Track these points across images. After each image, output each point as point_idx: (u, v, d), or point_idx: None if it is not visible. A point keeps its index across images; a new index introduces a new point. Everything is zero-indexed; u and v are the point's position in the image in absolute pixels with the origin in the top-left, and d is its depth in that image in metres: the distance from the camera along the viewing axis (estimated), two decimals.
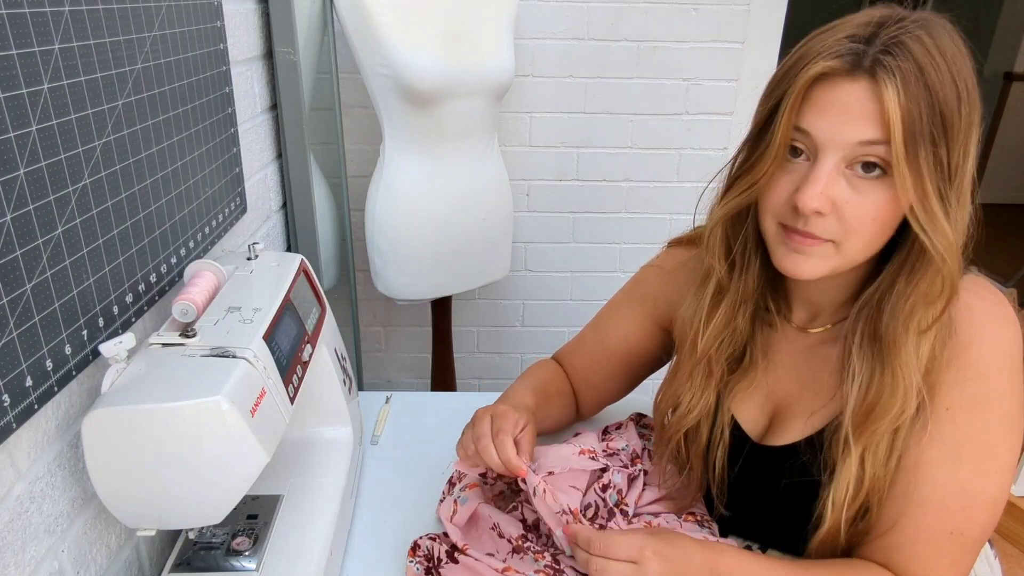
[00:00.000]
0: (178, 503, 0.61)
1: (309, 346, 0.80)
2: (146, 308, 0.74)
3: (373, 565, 0.83)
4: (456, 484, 0.86)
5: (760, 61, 1.89)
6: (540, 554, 0.75)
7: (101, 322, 0.65)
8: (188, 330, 0.65)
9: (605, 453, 0.89)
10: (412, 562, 0.79)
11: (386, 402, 1.15)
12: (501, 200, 1.63)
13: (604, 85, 1.90)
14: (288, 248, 1.37)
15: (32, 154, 0.55)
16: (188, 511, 0.62)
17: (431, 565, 0.78)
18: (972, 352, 0.67)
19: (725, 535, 0.82)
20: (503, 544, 0.79)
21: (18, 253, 0.53)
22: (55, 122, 0.58)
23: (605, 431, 0.99)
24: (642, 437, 0.96)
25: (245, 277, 0.79)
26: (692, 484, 0.82)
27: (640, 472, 0.87)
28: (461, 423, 0.84)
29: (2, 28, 0.51)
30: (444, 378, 1.88)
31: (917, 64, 0.60)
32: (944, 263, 0.63)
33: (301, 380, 0.75)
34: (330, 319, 0.92)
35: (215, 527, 0.74)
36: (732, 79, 1.91)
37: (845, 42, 0.62)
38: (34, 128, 0.55)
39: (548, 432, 0.98)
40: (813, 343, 0.78)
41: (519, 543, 0.77)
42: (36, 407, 0.57)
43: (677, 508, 0.83)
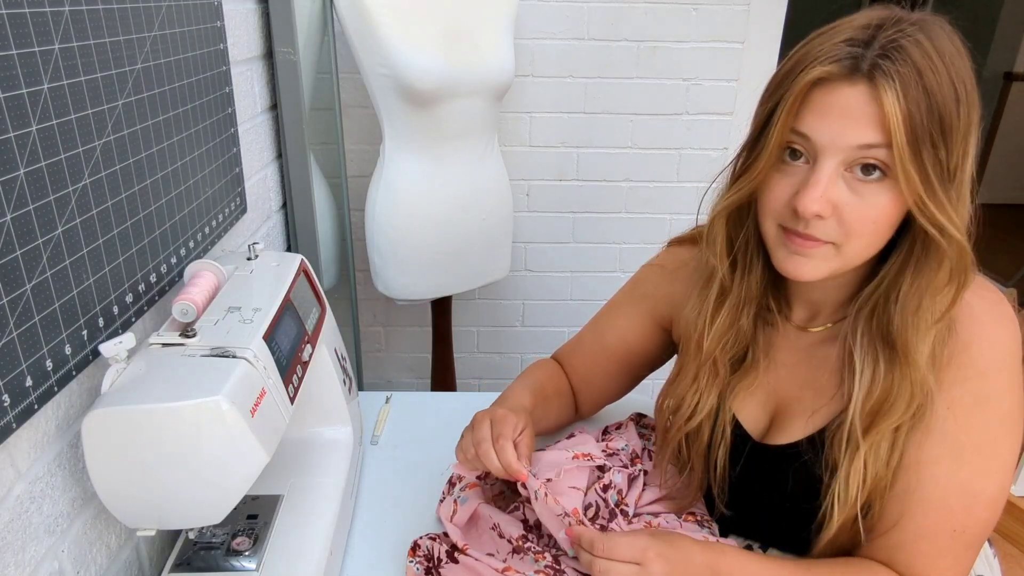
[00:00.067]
0: (178, 503, 0.61)
1: (309, 346, 0.80)
2: (146, 308, 0.74)
3: (373, 565, 0.83)
4: (456, 484, 0.86)
5: (760, 61, 1.89)
6: (540, 554, 0.75)
7: (101, 322, 0.65)
8: (188, 330, 0.65)
9: (605, 453, 0.89)
10: (412, 562, 0.79)
11: (386, 402, 1.15)
12: (501, 200, 1.63)
13: (604, 85, 1.90)
14: (288, 248, 1.37)
15: (32, 154, 0.55)
16: (188, 511, 0.62)
17: (431, 565, 0.78)
18: (972, 351, 0.67)
19: (725, 534, 0.83)
20: (503, 544, 0.79)
21: (18, 253, 0.53)
22: (55, 122, 0.58)
23: (605, 431, 0.99)
24: (642, 437, 0.96)
25: (245, 277, 0.79)
26: (692, 484, 0.82)
27: (640, 472, 0.87)
28: (461, 423, 0.84)
29: (2, 28, 0.51)
30: (444, 378, 1.88)
31: (915, 67, 0.60)
32: (955, 250, 0.64)
33: (301, 380, 0.75)
34: (330, 319, 0.92)
35: (215, 527, 0.74)
36: (732, 79, 1.91)
37: (843, 46, 0.62)
38: (34, 128, 0.55)
39: (548, 432, 0.98)
40: (813, 342, 0.78)
41: (519, 543, 0.77)
42: (36, 407, 0.57)
43: (677, 508, 0.83)
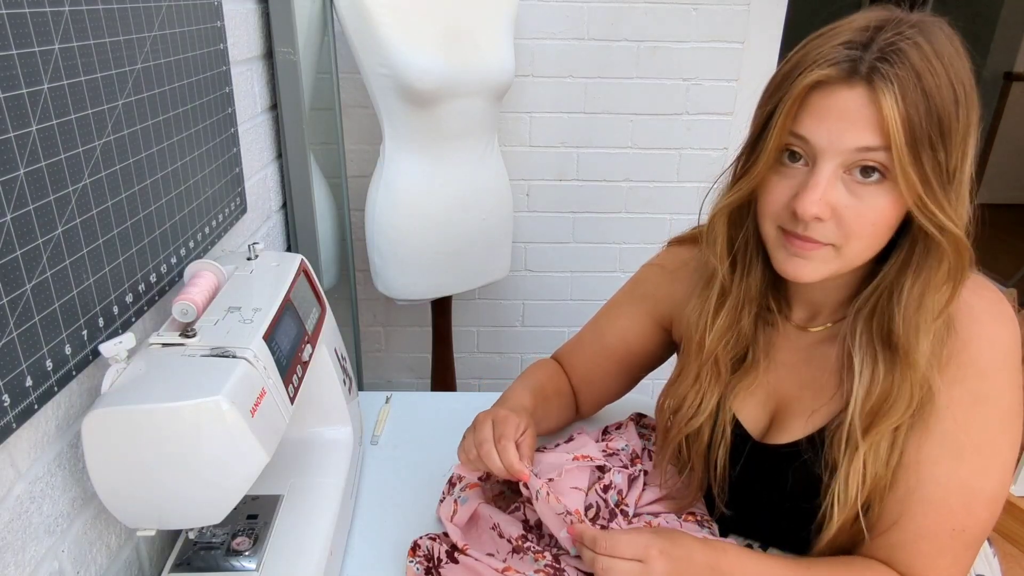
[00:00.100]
0: (178, 503, 0.61)
1: (309, 346, 0.80)
2: (146, 308, 0.74)
3: (373, 565, 0.83)
4: (456, 484, 0.86)
5: (760, 61, 1.89)
6: (540, 554, 0.75)
7: (101, 322, 0.65)
8: (188, 330, 0.65)
9: (604, 454, 0.89)
10: (412, 562, 0.79)
11: (386, 402, 1.15)
12: (501, 200, 1.63)
13: (604, 85, 1.90)
14: (288, 248, 1.37)
15: (32, 154, 0.55)
16: (188, 511, 0.62)
17: (431, 565, 0.78)
18: (972, 350, 0.68)
19: (725, 534, 0.83)
20: (503, 544, 0.79)
21: (18, 253, 0.53)
22: (55, 122, 0.58)
23: (605, 431, 0.99)
24: (642, 437, 0.96)
25: (245, 277, 0.79)
26: (693, 484, 0.82)
27: (640, 472, 0.87)
28: (461, 423, 0.84)
29: (2, 28, 0.51)
30: (444, 378, 1.88)
31: (914, 70, 0.60)
32: (953, 246, 0.64)
33: (301, 380, 0.75)
34: (330, 319, 0.92)
35: (215, 527, 0.74)
36: (732, 79, 1.91)
37: (841, 49, 0.62)
38: (34, 128, 0.55)
39: (548, 432, 0.98)
40: (813, 342, 0.78)
41: (519, 543, 0.77)
42: (36, 407, 0.57)
43: (677, 508, 0.83)
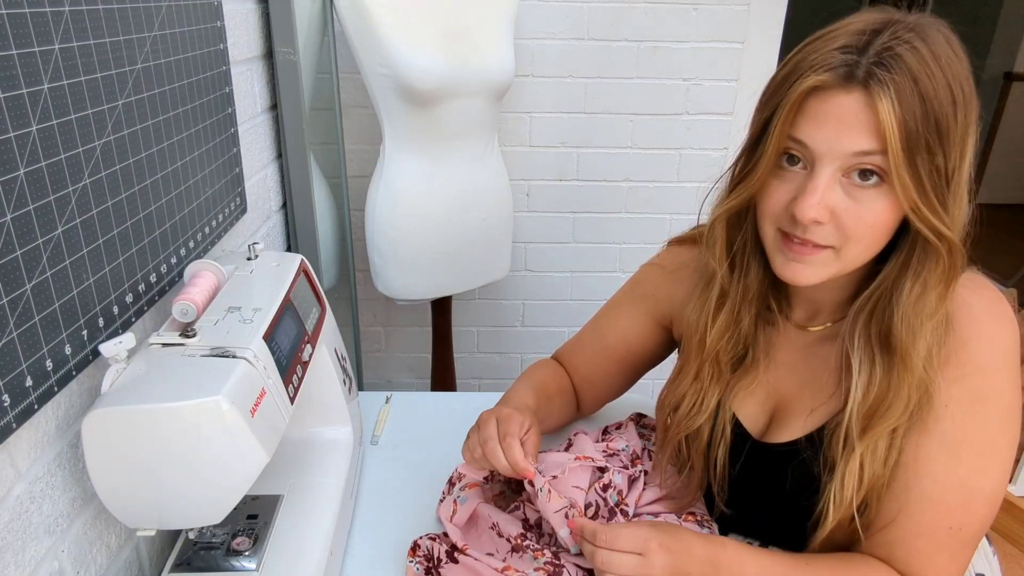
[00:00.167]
0: (178, 503, 0.61)
1: (309, 346, 0.80)
2: (146, 308, 0.74)
3: (373, 565, 0.83)
4: (456, 484, 0.86)
5: (760, 61, 1.89)
6: (540, 552, 0.75)
7: (101, 322, 0.65)
8: (188, 330, 0.65)
9: (605, 454, 0.89)
10: (412, 562, 0.79)
11: (386, 402, 1.15)
12: (501, 200, 1.63)
13: (604, 85, 1.90)
14: (288, 248, 1.37)
15: (32, 154, 0.55)
16: (188, 511, 0.62)
17: (431, 565, 0.78)
18: (970, 348, 0.68)
19: (725, 533, 0.83)
20: (503, 543, 0.79)
21: (18, 253, 0.53)
22: (55, 122, 0.58)
23: (605, 431, 0.99)
24: (642, 437, 0.96)
25: (245, 277, 0.79)
26: (692, 483, 0.83)
27: (640, 473, 0.87)
28: (461, 423, 0.84)
29: (2, 28, 0.51)
30: (444, 378, 1.88)
31: (911, 74, 0.60)
32: (947, 248, 0.64)
33: (301, 380, 0.75)
34: (330, 319, 0.92)
35: (215, 527, 0.74)
36: (732, 79, 1.91)
37: (837, 54, 0.62)
38: (34, 128, 0.55)
39: (551, 431, 0.98)
40: (813, 341, 0.78)
41: (518, 542, 0.77)
42: (36, 407, 0.57)
43: (677, 508, 0.83)
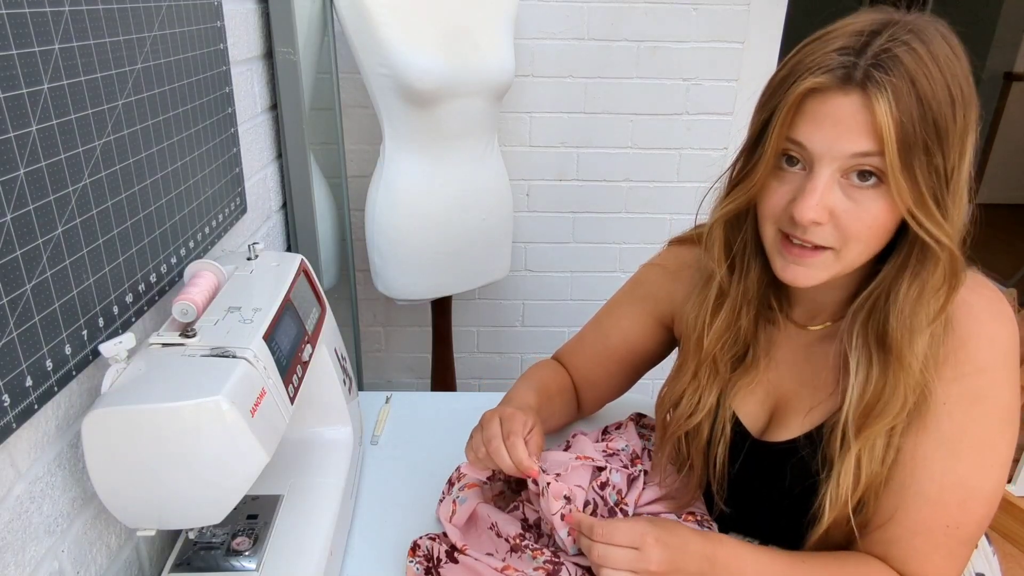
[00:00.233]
0: (178, 503, 0.61)
1: (309, 346, 0.80)
2: (146, 308, 0.74)
3: (373, 565, 0.83)
4: (455, 484, 0.86)
5: (760, 61, 1.89)
6: (539, 551, 0.75)
7: (101, 322, 0.65)
8: (188, 330, 0.65)
9: (604, 454, 0.89)
10: (412, 562, 0.79)
11: (386, 402, 1.15)
12: (501, 200, 1.63)
13: (604, 85, 1.90)
14: (288, 248, 1.37)
15: (32, 154, 0.55)
16: (188, 511, 0.62)
17: (431, 565, 0.78)
18: (970, 348, 0.68)
19: (725, 532, 0.83)
20: (502, 543, 0.79)
21: (18, 253, 0.53)
22: (55, 122, 0.58)
23: (605, 431, 0.99)
24: (642, 437, 0.96)
25: (245, 277, 0.79)
26: (692, 482, 0.83)
27: (640, 472, 0.87)
28: (461, 423, 0.84)
29: (2, 28, 0.51)
30: (444, 378, 1.88)
31: (908, 76, 0.60)
32: (947, 256, 0.64)
33: (301, 380, 0.75)
34: (330, 319, 0.92)
35: (215, 527, 0.74)
36: (732, 79, 1.91)
37: (835, 56, 0.62)
38: (34, 128, 0.55)
39: (553, 430, 0.98)
40: (813, 340, 0.78)
41: (517, 541, 0.77)
42: (36, 407, 0.57)
43: (677, 507, 0.83)
